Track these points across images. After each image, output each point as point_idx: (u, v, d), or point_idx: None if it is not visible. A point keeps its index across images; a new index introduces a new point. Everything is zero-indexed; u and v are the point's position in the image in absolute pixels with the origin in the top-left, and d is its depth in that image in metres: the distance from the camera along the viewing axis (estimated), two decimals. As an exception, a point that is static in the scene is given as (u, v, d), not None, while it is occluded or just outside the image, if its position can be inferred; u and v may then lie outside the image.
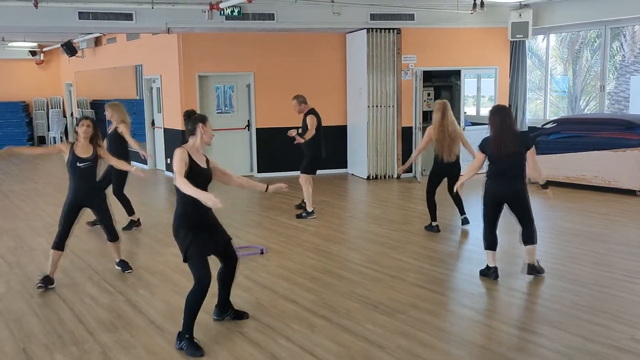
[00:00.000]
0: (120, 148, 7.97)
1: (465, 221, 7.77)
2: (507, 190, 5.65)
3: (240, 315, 4.84)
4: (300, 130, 8.51)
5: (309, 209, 8.55)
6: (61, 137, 19.78)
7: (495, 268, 5.70)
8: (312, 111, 8.52)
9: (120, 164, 6.31)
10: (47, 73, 20.27)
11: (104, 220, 5.99)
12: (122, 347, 4.37)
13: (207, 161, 4.54)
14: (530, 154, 5.62)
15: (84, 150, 5.73)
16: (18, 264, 6.52)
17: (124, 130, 7.93)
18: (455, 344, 4.39)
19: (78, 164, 5.67)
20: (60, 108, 20.25)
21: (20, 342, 4.51)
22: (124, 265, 6.18)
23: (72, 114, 19.83)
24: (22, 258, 6.77)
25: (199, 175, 4.37)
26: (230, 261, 4.70)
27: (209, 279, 4.35)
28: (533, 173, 5.85)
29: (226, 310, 4.80)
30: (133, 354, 4.27)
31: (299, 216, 8.53)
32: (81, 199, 5.74)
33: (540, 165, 5.82)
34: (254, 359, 4.17)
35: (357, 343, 4.37)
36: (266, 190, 4.85)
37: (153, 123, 13.88)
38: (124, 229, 7.84)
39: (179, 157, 4.29)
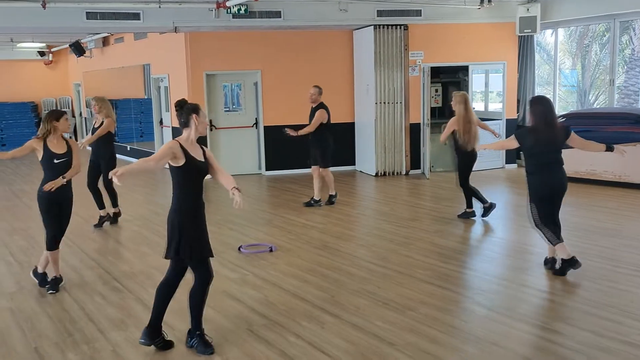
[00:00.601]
0: (108, 143, 8.02)
1: (489, 208, 7.90)
2: (560, 180, 5.60)
3: (168, 345, 4.33)
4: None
5: (317, 198, 9.03)
6: (70, 137, 19.86)
7: (574, 256, 5.56)
8: (323, 105, 8.73)
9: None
10: (56, 73, 20.37)
11: (64, 223, 5.67)
12: (133, 345, 4.39)
13: (204, 153, 4.29)
14: (574, 139, 5.61)
15: (58, 146, 5.51)
16: (29, 264, 6.55)
17: (110, 125, 7.91)
18: (466, 340, 4.38)
19: (55, 161, 5.45)
20: (69, 108, 20.34)
21: (31, 341, 4.54)
22: (52, 283, 5.63)
23: (80, 114, 19.92)
24: (33, 257, 6.79)
25: (197, 169, 4.17)
26: (180, 274, 4.36)
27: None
28: (591, 148, 5.83)
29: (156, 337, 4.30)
30: (143, 351, 4.29)
31: (308, 204, 9.02)
32: (55, 195, 5.46)
33: (587, 141, 5.79)
34: (264, 356, 4.18)
35: (367, 340, 4.37)
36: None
37: (161, 122, 13.92)
38: (95, 225, 8.02)
39: (166, 149, 4.08)
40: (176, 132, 13.11)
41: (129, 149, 15.55)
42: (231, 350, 4.27)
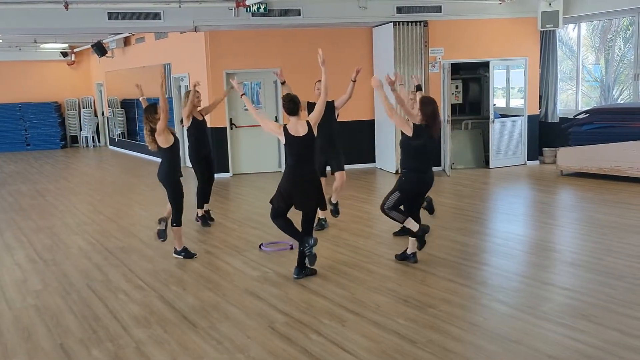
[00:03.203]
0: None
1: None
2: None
3: None
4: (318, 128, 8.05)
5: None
6: (93, 137, 20.12)
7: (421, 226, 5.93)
8: None
9: None
10: (78, 73, 20.63)
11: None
12: (156, 342, 4.44)
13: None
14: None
15: None
16: (54, 261, 6.66)
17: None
18: (488, 338, 4.34)
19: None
20: (91, 108, 20.59)
21: (57, 337, 4.61)
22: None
23: (102, 114, 20.15)
24: (57, 255, 6.91)
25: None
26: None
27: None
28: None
29: None
30: (167, 349, 4.33)
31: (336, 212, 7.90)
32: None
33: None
34: (286, 353, 4.19)
35: (388, 337, 4.36)
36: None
37: (182, 121, 13.96)
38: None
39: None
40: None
41: (150, 147, 15.67)
42: (253, 348, 4.29)
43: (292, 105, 5.60)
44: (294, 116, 5.60)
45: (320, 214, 7.67)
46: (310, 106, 8.14)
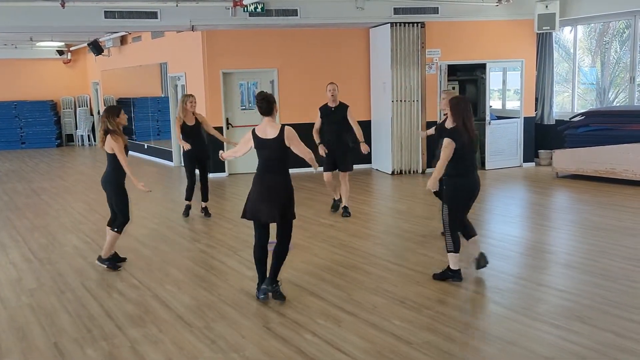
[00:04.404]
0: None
1: None
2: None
3: None
4: (330, 127, 8.10)
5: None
6: (88, 136, 20.07)
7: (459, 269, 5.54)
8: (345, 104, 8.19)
9: None
10: (74, 72, 20.58)
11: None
12: (151, 342, 4.43)
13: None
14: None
15: None
16: (49, 260, 6.63)
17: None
18: (484, 339, 4.35)
19: None
20: (87, 106, 20.54)
21: (51, 336, 4.60)
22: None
23: (98, 112, 20.09)
24: (52, 254, 6.88)
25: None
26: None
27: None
28: None
29: None
30: (161, 348, 4.32)
31: (346, 213, 8.30)
32: None
33: None
34: (281, 354, 4.18)
35: (383, 338, 4.36)
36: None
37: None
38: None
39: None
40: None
41: (146, 147, 15.67)
42: (248, 348, 4.28)
43: (264, 104, 5.10)
44: (267, 116, 5.13)
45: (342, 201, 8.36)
46: (323, 109, 8.22)
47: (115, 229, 6.14)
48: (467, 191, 5.47)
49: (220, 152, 5.85)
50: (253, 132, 5.18)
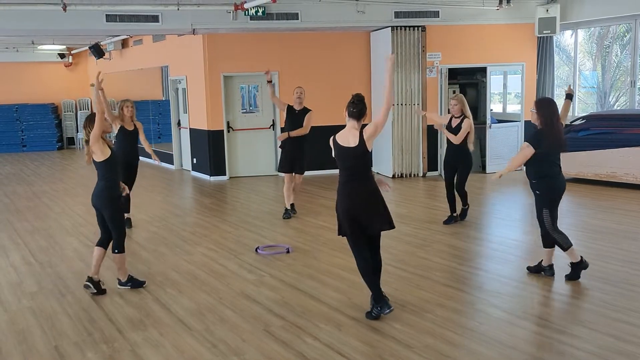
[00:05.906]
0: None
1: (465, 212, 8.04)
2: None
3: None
4: (292, 128, 8.48)
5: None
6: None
7: (582, 257, 5.64)
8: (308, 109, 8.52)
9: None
10: (76, 75, 20.60)
11: None
12: (151, 345, 4.43)
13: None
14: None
15: None
16: (50, 263, 6.64)
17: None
18: (484, 343, 4.35)
19: None
20: (88, 109, 20.56)
21: (52, 340, 4.60)
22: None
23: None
24: (53, 257, 6.89)
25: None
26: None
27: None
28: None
29: None
30: (162, 352, 4.32)
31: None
32: None
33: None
34: (281, 357, 4.18)
35: (384, 342, 4.36)
36: None
37: (179, 123, 14.01)
38: None
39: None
40: (193, 134, 13.22)
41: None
42: (248, 351, 4.28)
43: (361, 106, 4.67)
44: (357, 120, 4.70)
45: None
46: (289, 109, 8.58)
47: (116, 250, 5.57)
48: (559, 191, 5.67)
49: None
50: (334, 139, 4.73)
